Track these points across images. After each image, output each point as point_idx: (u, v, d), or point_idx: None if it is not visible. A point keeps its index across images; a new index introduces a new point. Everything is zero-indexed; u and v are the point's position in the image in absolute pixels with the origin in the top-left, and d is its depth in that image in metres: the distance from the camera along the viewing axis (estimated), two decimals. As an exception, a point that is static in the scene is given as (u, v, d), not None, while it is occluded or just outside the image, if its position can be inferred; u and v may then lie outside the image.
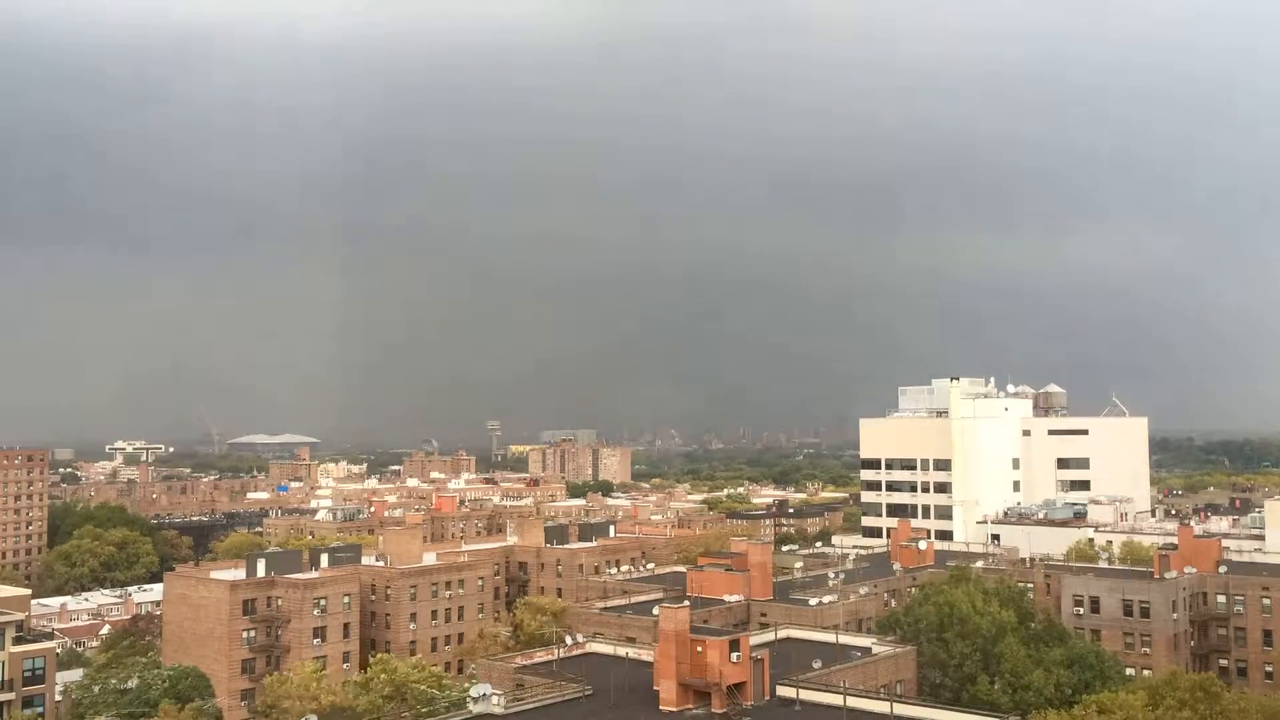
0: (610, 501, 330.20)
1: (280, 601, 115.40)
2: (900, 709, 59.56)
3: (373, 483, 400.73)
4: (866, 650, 75.91)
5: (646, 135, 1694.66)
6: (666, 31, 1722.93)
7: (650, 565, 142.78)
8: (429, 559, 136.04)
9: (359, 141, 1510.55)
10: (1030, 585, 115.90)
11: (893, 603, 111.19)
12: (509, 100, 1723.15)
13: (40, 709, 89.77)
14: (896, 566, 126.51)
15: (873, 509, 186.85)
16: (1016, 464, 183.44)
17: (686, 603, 72.52)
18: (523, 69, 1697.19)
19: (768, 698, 61.79)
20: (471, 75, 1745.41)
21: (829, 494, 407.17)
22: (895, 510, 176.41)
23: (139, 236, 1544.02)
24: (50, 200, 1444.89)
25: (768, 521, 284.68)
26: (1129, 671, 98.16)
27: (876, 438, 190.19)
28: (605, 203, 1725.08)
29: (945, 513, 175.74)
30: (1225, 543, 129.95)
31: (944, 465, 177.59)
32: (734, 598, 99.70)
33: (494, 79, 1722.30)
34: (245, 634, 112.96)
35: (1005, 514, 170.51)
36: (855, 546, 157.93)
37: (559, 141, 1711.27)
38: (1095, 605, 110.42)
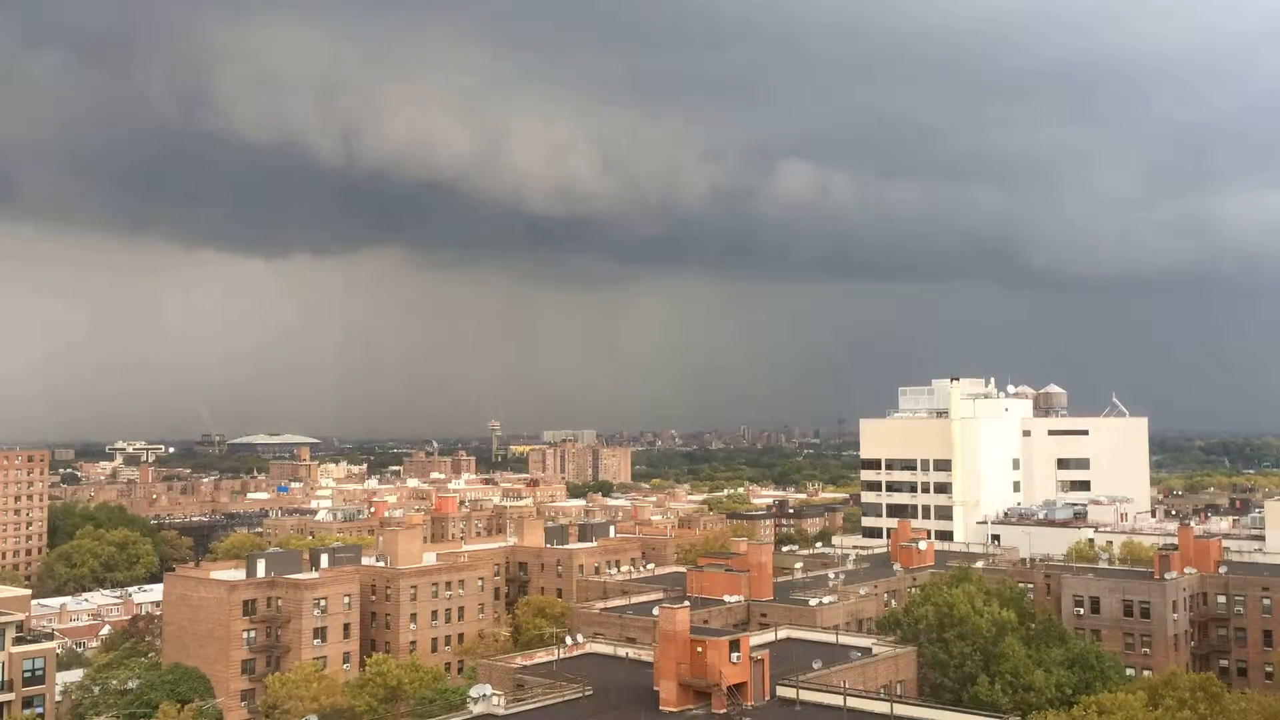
0: (610, 502, 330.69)
1: (280, 602, 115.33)
2: (900, 709, 59.51)
3: (373, 483, 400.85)
4: (867, 650, 75.87)
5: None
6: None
7: (650, 565, 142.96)
8: (429, 559, 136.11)
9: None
10: (1030, 586, 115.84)
11: (893, 603, 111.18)
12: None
13: (40, 709, 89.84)
14: (896, 567, 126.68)
15: (873, 509, 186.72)
16: (1016, 464, 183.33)
17: (686, 603, 72.34)
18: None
19: (768, 698, 61.71)
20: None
21: (829, 494, 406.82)
22: (895, 510, 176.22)
23: (136, 234, 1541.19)
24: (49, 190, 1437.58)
25: (768, 522, 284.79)
26: (1129, 672, 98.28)
27: (876, 438, 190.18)
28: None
29: (945, 513, 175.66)
30: (1225, 543, 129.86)
31: (944, 465, 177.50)
32: (734, 598, 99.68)
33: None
34: (245, 634, 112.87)
35: (1005, 514, 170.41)
36: (855, 547, 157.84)
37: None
38: (1095, 606, 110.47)
